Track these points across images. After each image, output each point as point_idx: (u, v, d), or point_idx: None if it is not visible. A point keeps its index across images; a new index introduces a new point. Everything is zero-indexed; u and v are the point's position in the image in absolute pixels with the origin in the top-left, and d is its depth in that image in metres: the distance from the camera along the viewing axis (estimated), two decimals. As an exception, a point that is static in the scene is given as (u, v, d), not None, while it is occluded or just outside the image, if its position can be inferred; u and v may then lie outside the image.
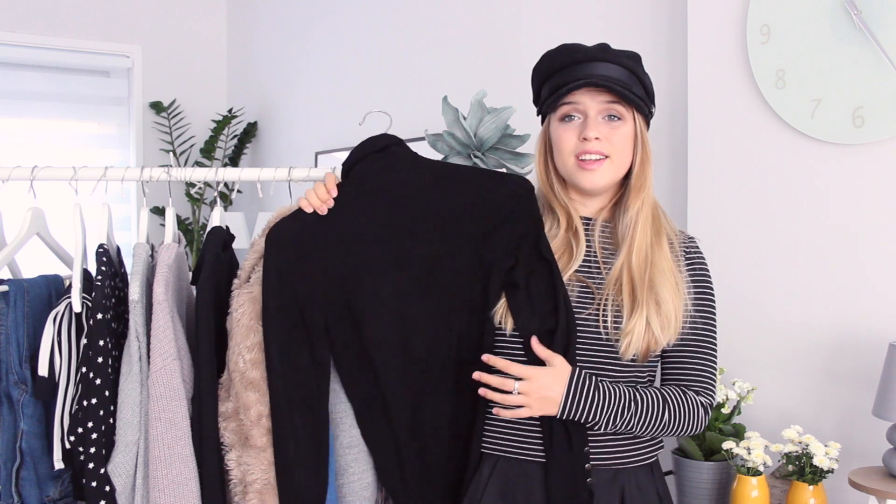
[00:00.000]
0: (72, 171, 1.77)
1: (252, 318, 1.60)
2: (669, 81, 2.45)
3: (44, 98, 4.34)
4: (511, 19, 2.99)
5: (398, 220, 1.62)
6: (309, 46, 4.16)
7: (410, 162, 1.67)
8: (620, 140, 1.57)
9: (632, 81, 1.57)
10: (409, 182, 1.65)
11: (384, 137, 1.68)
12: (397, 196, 1.63)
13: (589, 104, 1.56)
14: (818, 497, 1.83)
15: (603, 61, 1.56)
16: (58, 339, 1.69)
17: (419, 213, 1.63)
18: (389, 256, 1.61)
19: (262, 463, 1.57)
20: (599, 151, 1.55)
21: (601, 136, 1.55)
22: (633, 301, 1.54)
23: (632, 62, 1.59)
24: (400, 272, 1.61)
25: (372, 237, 1.62)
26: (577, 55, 1.57)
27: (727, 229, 2.23)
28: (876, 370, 1.90)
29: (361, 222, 1.62)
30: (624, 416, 1.51)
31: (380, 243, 1.61)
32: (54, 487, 1.76)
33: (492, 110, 2.00)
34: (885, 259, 1.96)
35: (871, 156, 1.99)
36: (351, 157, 1.67)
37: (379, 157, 1.66)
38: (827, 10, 2.02)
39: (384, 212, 1.63)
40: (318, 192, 1.62)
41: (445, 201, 1.64)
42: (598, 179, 1.57)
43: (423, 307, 1.61)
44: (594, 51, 1.58)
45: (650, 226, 1.59)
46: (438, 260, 1.61)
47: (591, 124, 1.55)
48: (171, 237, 1.76)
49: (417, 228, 1.62)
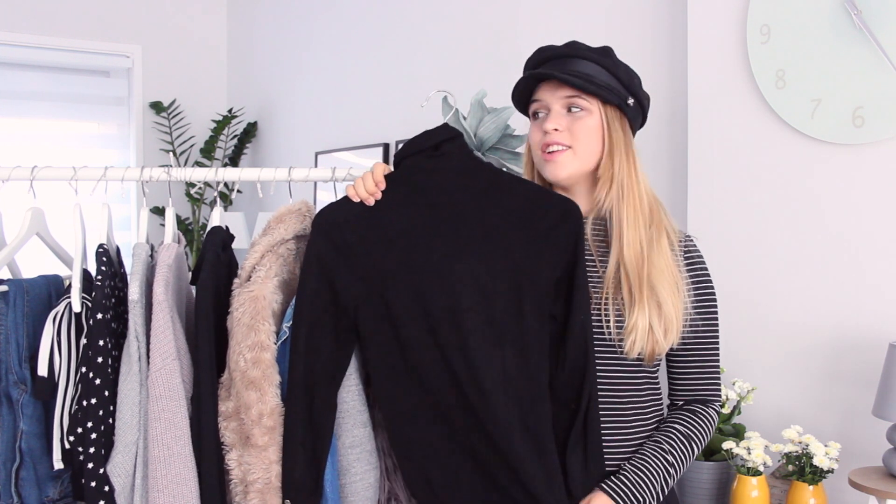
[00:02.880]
0: (72, 171, 1.77)
1: (252, 318, 1.60)
2: (669, 81, 2.45)
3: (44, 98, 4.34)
4: (511, 19, 2.99)
5: (440, 228, 1.57)
6: (309, 46, 4.16)
7: (462, 165, 1.62)
8: (582, 131, 1.57)
9: (598, 73, 1.57)
10: (457, 188, 1.60)
11: (440, 132, 1.61)
12: (443, 202, 1.59)
13: (550, 99, 1.59)
14: (818, 497, 1.83)
15: (569, 57, 1.58)
16: (57, 339, 1.69)
17: (462, 226, 1.57)
18: (426, 268, 1.56)
19: (264, 462, 1.57)
20: (559, 142, 1.57)
21: (561, 128, 1.57)
22: (632, 297, 1.53)
23: (597, 55, 1.59)
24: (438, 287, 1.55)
25: (413, 241, 1.57)
26: (544, 54, 1.61)
27: (727, 229, 2.23)
28: (876, 370, 1.90)
29: (405, 221, 1.58)
30: (669, 485, 1.55)
31: (420, 249, 1.57)
32: (54, 487, 1.76)
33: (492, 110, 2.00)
34: (884, 259, 1.96)
35: (871, 156, 1.99)
36: (403, 149, 1.63)
37: (431, 154, 1.61)
38: (827, 10, 2.02)
39: (428, 216, 1.58)
40: (366, 182, 1.59)
41: (491, 217, 1.58)
42: (559, 170, 1.58)
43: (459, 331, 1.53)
44: (560, 49, 1.60)
45: (642, 219, 1.58)
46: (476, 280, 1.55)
47: (551, 117, 1.58)
48: (171, 237, 1.76)
49: (458, 241, 1.57)
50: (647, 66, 2.44)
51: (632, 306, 1.53)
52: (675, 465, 1.55)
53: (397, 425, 1.58)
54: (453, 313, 1.53)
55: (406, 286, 1.55)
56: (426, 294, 1.54)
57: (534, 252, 1.55)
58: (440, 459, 1.54)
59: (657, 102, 2.43)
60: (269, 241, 1.65)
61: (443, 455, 1.54)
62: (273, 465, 1.57)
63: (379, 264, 1.56)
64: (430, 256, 1.56)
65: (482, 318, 1.53)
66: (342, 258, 1.57)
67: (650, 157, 2.44)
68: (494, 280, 1.54)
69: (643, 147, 1.82)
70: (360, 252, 1.57)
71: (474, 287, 1.54)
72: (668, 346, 1.55)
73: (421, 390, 1.54)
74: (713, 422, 1.62)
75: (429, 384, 1.54)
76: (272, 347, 1.59)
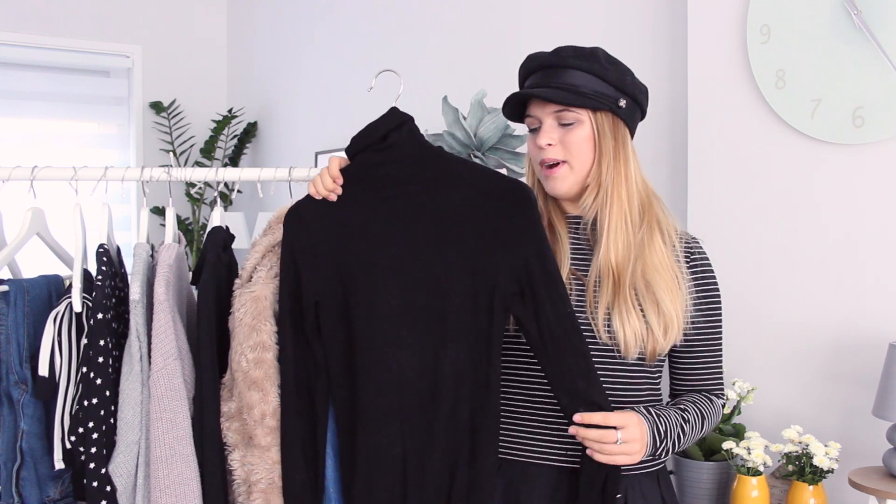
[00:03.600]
0: (72, 171, 1.77)
1: (254, 318, 1.60)
2: (669, 81, 2.46)
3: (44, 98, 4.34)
4: (511, 19, 2.99)
5: (396, 223, 1.57)
6: (309, 46, 4.16)
7: (411, 155, 1.59)
8: (574, 143, 1.56)
9: (586, 81, 1.55)
10: (409, 179, 1.58)
11: (386, 121, 1.60)
12: (397, 196, 1.58)
13: (541, 114, 1.58)
14: (818, 497, 1.83)
15: (556, 68, 1.57)
16: (58, 339, 1.69)
17: (417, 221, 1.56)
18: (384, 263, 1.55)
19: (266, 462, 1.57)
20: (553, 158, 1.57)
21: (553, 142, 1.56)
22: (617, 301, 1.52)
23: (584, 61, 1.56)
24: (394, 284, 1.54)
25: (371, 237, 1.57)
26: (531, 64, 1.60)
27: (727, 229, 2.23)
28: (876, 370, 1.90)
29: (362, 218, 1.58)
30: (681, 440, 1.54)
31: (377, 246, 1.56)
32: (55, 487, 1.76)
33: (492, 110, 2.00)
34: (885, 259, 1.96)
35: (871, 156, 1.99)
36: (352, 145, 1.62)
37: (379, 147, 1.60)
38: (827, 10, 2.02)
39: (383, 211, 1.58)
40: (323, 180, 1.59)
41: (443, 209, 1.56)
42: (558, 185, 1.58)
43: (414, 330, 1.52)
44: (545, 57, 1.59)
45: (630, 222, 1.57)
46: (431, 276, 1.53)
47: (543, 132, 1.57)
48: (171, 237, 1.76)
49: (414, 236, 1.55)
50: (647, 66, 2.44)
51: (618, 311, 1.52)
52: (692, 427, 1.56)
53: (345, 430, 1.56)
54: (406, 311, 1.53)
55: (363, 283, 1.55)
56: (381, 291, 1.54)
57: (489, 247, 1.52)
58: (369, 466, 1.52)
59: (657, 103, 2.43)
60: (269, 242, 1.66)
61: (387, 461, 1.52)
62: (276, 465, 1.57)
63: (339, 262, 1.56)
64: (387, 253, 1.55)
65: (436, 315, 1.52)
66: (309, 257, 1.57)
67: (650, 157, 2.44)
68: (449, 276, 1.52)
69: (643, 147, 1.83)
70: (323, 250, 1.57)
71: (430, 283, 1.52)
72: (668, 344, 1.55)
73: (370, 392, 1.52)
74: (720, 412, 1.64)
75: (378, 385, 1.52)
76: (274, 347, 1.59)
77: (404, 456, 1.52)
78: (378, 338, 1.53)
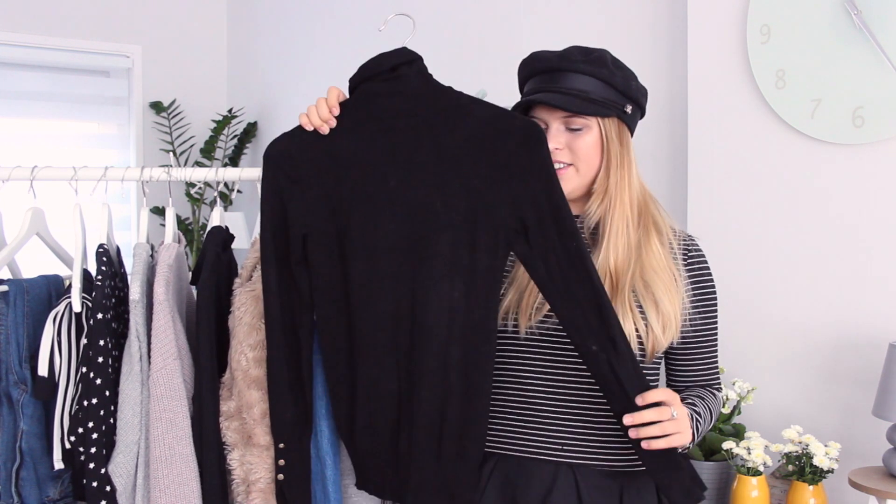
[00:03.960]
0: (72, 171, 1.77)
1: (254, 317, 1.60)
2: (669, 81, 2.45)
3: (44, 98, 4.34)
4: (512, 19, 2.99)
5: (395, 155, 1.51)
6: (309, 46, 4.17)
7: (420, 88, 1.54)
8: (582, 148, 1.56)
9: (594, 87, 1.55)
10: (414, 112, 1.53)
11: (397, 54, 1.55)
12: (399, 127, 1.52)
13: (548, 118, 1.57)
14: (818, 497, 1.83)
15: (564, 71, 1.55)
16: (58, 339, 1.69)
17: (418, 152, 1.50)
18: (380, 195, 1.50)
19: (266, 462, 1.57)
20: (560, 161, 1.56)
21: (560, 146, 1.56)
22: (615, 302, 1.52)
23: (593, 66, 1.55)
24: (390, 217, 1.50)
25: (367, 168, 1.51)
26: (537, 65, 1.59)
27: (727, 229, 2.23)
28: (876, 370, 1.90)
29: (359, 148, 1.52)
30: (704, 428, 1.55)
31: (374, 177, 1.51)
32: (54, 488, 1.76)
33: (492, 110, 2.00)
34: (885, 259, 1.96)
35: (871, 156, 1.99)
36: (359, 73, 1.57)
37: (387, 77, 1.55)
38: (827, 10, 2.02)
39: (383, 142, 1.52)
40: (319, 109, 1.55)
41: (447, 142, 1.50)
42: (563, 186, 1.55)
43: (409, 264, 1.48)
44: (554, 60, 1.57)
45: (632, 227, 1.57)
46: (430, 210, 1.49)
47: (551, 136, 1.56)
48: (171, 237, 1.77)
49: (413, 168, 1.50)
50: (647, 66, 2.44)
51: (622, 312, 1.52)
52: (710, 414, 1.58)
53: (332, 362, 1.54)
54: (403, 244, 1.49)
55: (358, 216, 1.51)
56: (377, 224, 1.50)
57: (493, 181, 1.48)
58: (368, 399, 1.51)
59: (657, 103, 2.43)
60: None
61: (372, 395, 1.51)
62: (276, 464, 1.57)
63: (332, 193, 1.52)
64: (383, 184, 1.50)
65: (432, 249, 1.48)
66: (296, 188, 1.53)
67: (650, 157, 2.44)
68: (448, 210, 1.48)
69: (643, 147, 1.83)
70: (314, 182, 1.52)
71: (428, 217, 1.48)
72: (667, 342, 1.56)
73: (362, 325, 1.50)
74: (721, 405, 1.67)
75: (369, 319, 1.50)
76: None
77: (399, 390, 1.50)
78: (371, 272, 1.49)
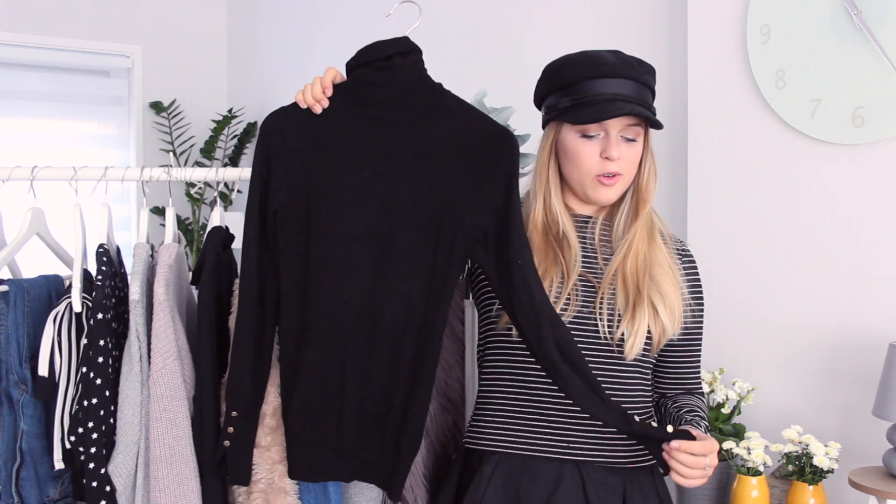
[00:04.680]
0: (72, 171, 1.77)
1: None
2: (669, 81, 2.45)
3: (44, 98, 4.33)
4: (512, 19, 2.99)
5: (376, 145, 1.53)
6: (309, 46, 4.16)
7: (410, 82, 1.56)
8: (632, 158, 1.59)
9: (649, 100, 1.59)
10: (401, 105, 1.55)
11: (394, 44, 1.57)
12: (384, 119, 1.54)
13: (611, 125, 1.55)
14: (818, 497, 1.83)
15: (626, 78, 1.55)
16: (58, 339, 1.69)
17: (396, 146, 1.52)
18: (354, 183, 1.52)
19: (267, 462, 1.57)
20: (618, 171, 1.57)
21: (621, 157, 1.56)
22: (628, 304, 1.55)
23: (650, 77, 1.59)
24: (359, 206, 1.51)
25: (346, 154, 1.53)
26: (603, 69, 1.54)
27: (727, 230, 2.23)
28: (876, 370, 1.90)
29: (343, 133, 1.54)
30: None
31: (351, 164, 1.52)
32: (54, 488, 1.76)
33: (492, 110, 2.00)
34: (885, 259, 1.96)
35: (871, 156, 1.99)
36: (355, 58, 1.59)
37: (381, 66, 1.56)
38: (827, 10, 2.02)
39: (366, 130, 1.54)
40: (314, 88, 1.56)
41: (426, 142, 1.52)
42: (612, 195, 1.60)
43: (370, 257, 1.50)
44: (618, 66, 1.55)
45: (647, 229, 1.62)
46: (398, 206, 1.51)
47: (613, 145, 1.55)
48: (171, 237, 1.76)
49: (390, 161, 1.52)
50: (647, 66, 2.43)
51: (632, 312, 1.54)
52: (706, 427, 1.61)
53: (284, 340, 1.54)
54: (370, 235, 1.50)
55: (328, 200, 1.52)
56: (345, 211, 1.51)
57: (461, 188, 1.51)
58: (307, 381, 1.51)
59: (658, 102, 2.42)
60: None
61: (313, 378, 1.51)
62: (277, 465, 1.57)
63: (309, 173, 1.53)
64: (359, 172, 1.52)
65: (395, 246, 1.50)
66: (280, 164, 1.54)
67: (650, 157, 2.44)
68: (417, 208, 1.50)
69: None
70: (296, 159, 1.53)
71: (396, 212, 1.50)
72: (673, 332, 1.59)
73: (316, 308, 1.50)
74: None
75: (323, 304, 1.50)
76: (275, 347, 1.59)
77: (343, 377, 1.50)
78: (333, 258, 1.50)
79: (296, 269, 1.52)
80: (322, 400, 1.51)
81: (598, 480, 1.55)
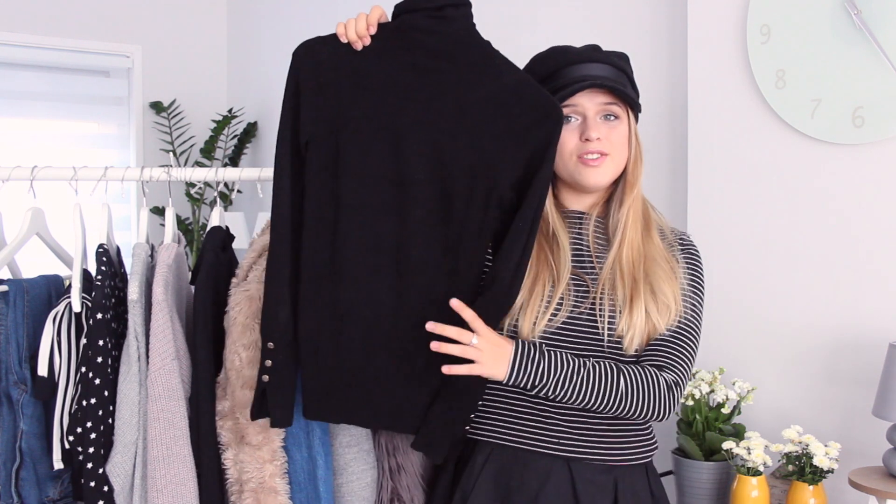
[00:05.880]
0: (72, 171, 1.77)
1: (248, 317, 1.60)
2: (669, 81, 2.45)
3: (44, 98, 4.33)
4: (511, 19, 2.99)
5: (418, 93, 1.51)
6: (309, 46, 4.16)
7: (461, 34, 1.54)
8: (618, 138, 1.59)
9: (624, 81, 1.60)
10: (448, 57, 1.53)
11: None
12: (429, 68, 1.52)
13: (587, 105, 1.57)
14: (818, 497, 1.83)
15: (595, 62, 1.58)
16: (57, 339, 1.69)
17: (439, 98, 1.51)
18: (390, 127, 1.50)
19: (258, 461, 1.57)
20: (600, 150, 1.57)
21: (602, 136, 1.57)
22: (627, 297, 1.55)
23: (622, 62, 1.62)
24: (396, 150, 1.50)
25: (386, 97, 1.51)
26: (570, 56, 1.60)
27: (727, 229, 2.23)
28: (876, 370, 1.90)
29: (384, 75, 1.51)
30: (573, 381, 1.48)
31: (389, 108, 1.51)
32: (54, 487, 1.76)
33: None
34: (885, 259, 1.96)
35: (871, 156, 1.99)
36: (404, 3, 1.56)
37: (432, 14, 1.52)
38: (827, 10, 2.02)
39: (409, 76, 1.52)
40: (358, 24, 1.54)
41: (471, 96, 1.51)
42: (600, 176, 1.58)
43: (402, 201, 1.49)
44: (586, 51, 1.61)
45: (640, 220, 1.61)
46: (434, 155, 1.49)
47: (592, 125, 1.57)
48: (170, 237, 1.77)
49: (431, 110, 1.51)
50: (646, 66, 2.44)
51: (629, 305, 1.54)
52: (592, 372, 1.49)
53: (311, 276, 1.52)
54: (403, 179, 1.50)
55: (362, 139, 1.50)
56: (379, 153, 1.50)
57: (502, 146, 1.52)
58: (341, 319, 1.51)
59: (657, 102, 2.43)
60: (266, 241, 1.65)
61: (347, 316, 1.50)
62: (266, 464, 1.57)
63: (344, 110, 1.51)
64: (397, 118, 1.51)
65: (431, 192, 1.50)
66: (312, 94, 1.52)
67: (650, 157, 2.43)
68: (455, 160, 1.50)
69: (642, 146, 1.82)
70: (331, 94, 1.52)
71: (433, 160, 1.50)
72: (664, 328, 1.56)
73: (347, 246, 1.50)
74: (658, 382, 1.51)
75: (354, 242, 1.50)
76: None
77: (377, 315, 1.50)
78: (364, 198, 1.50)
79: (324, 206, 1.51)
80: (354, 338, 1.50)
81: (587, 478, 1.55)
